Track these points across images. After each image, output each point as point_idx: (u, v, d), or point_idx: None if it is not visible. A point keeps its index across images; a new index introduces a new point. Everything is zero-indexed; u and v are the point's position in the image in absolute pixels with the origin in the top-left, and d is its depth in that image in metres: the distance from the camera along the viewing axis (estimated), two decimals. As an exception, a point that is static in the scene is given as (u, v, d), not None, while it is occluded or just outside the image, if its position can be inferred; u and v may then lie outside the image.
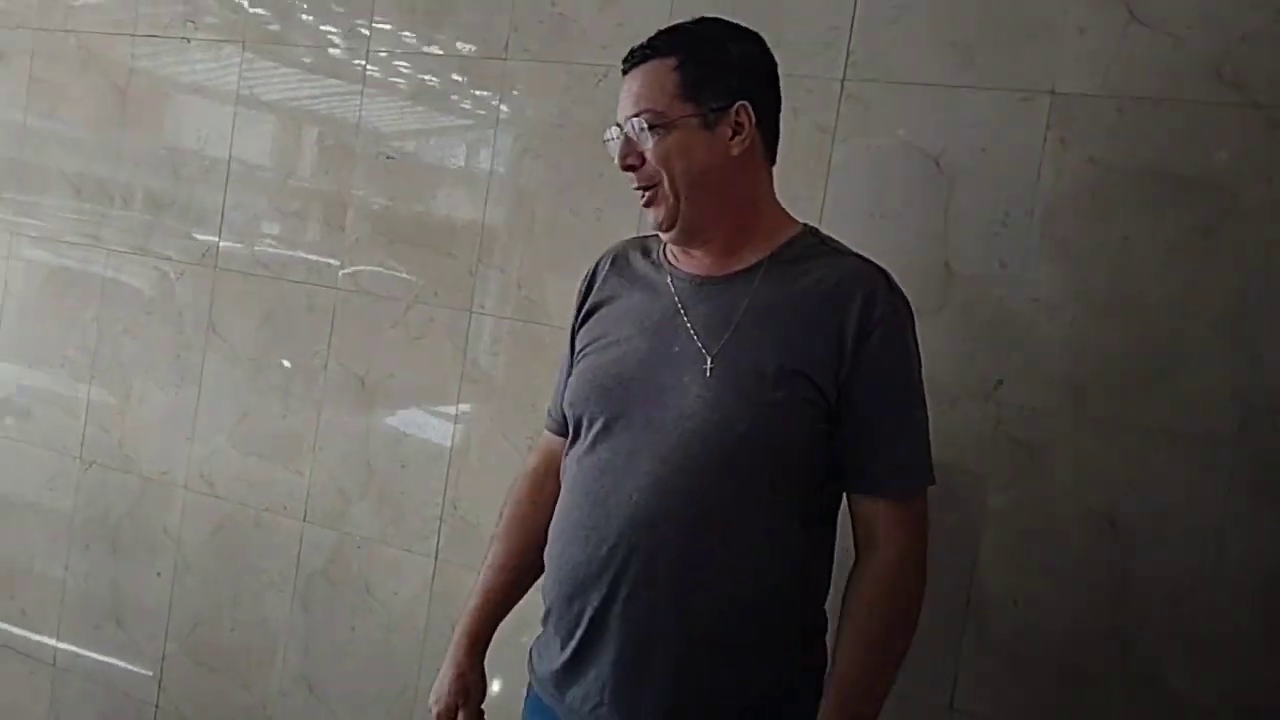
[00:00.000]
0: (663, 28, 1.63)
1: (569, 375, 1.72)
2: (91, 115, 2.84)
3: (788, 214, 1.66)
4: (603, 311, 1.70)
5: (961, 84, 1.87)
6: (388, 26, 2.46)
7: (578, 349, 1.71)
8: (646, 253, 1.72)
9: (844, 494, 1.62)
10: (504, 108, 2.32)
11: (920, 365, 1.59)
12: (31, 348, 2.94)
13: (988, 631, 1.86)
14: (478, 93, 2.37)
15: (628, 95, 1.59)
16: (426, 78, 2.43)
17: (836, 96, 1.96)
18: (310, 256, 2.54)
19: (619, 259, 1.75)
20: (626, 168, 1.60)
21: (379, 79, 2.47)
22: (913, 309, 1.59)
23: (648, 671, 1.54)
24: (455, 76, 2.40)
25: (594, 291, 1.74)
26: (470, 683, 1.79)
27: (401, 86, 2.46)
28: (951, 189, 1.87)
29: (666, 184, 1.57)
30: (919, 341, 1.59)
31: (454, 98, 2.41)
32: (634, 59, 1.60)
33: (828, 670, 1.58)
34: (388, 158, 2.44)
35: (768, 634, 1.56)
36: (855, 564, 1.59)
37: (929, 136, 1.90)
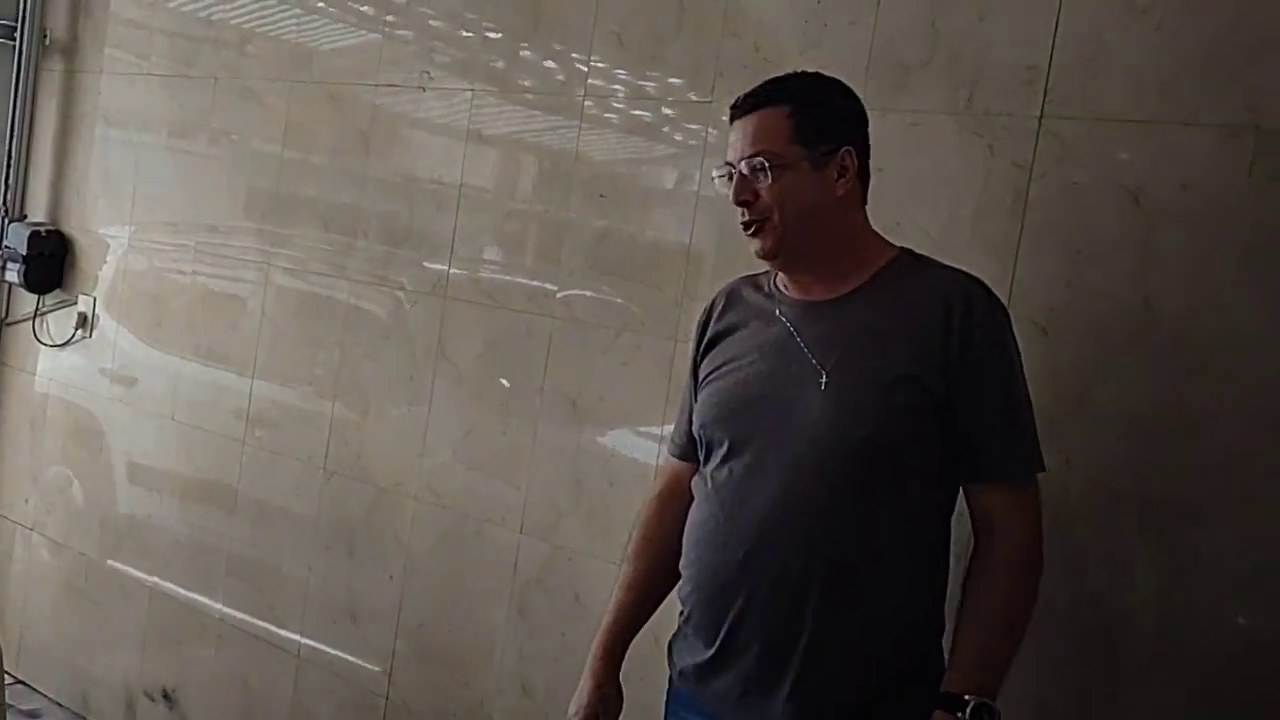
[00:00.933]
0: (766, 80, 1.77)
1: (694, 402, 1.86)
2: (338, 156, 3.12)
3: (885, 240, 1.79)
4: (723, 342, 1.85)
5: (1162, 119, 1.86)
6: (604, 65, 2.61)
7: (701, 378, 1.86)
8: (758, 287, 1.86)
9: (959, 492, 1.72)
10: (710, 147, 2.42)
11: (1021, 361, 1.70)
12: (283, 367, 3.24)
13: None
14: (687, 128, 2.49)
15: (743, 138, 1.73)
16: (639, 114, 2.57)
17: (1034, 133, 1.98)
18: (530, 282, 2.72)
19: (733, 294, 1.90)
20: (741, 203, 1.74)
21: (595, 114, 2.62)
22: (1011, 317, 1.73)
23: (787, 662, 1.67)
24: (665, 111, 2.53)
25: (712, 324, 1.89)
26: (608, 693, 1.95)
27: (615, 122, 2.61)
28: (1152, 226, 1.86)
29: (777, 218, 1.71)
30: (1017, 341, 1.71)
31: (663, 135, 2.54)
32: (745, 107, 1.74)
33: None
34: (600, 196, 2.59)
35: (893, 622, 1.68)
36: (975, 550, 1.69)
37: (1128, 173, 1.89)
